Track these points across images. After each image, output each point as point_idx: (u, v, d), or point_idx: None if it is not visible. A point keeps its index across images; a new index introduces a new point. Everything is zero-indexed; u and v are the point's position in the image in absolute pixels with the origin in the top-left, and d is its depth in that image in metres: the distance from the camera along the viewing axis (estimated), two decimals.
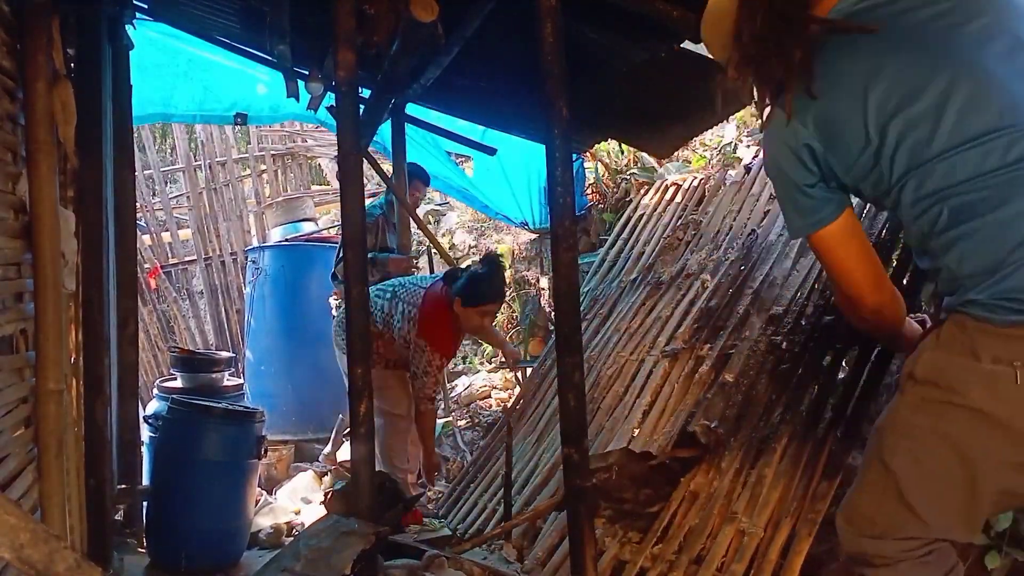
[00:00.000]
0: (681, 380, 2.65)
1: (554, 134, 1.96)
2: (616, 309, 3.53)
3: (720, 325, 2.75)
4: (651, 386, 2.73)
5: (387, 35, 2.39)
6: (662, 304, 3.21)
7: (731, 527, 2.09)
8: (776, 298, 2.66)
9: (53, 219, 1.87)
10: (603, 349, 3.30)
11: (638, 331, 3.18)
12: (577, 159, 4.95)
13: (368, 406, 2.02)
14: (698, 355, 2.69)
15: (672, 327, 2.99)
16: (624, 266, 3.83)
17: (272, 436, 4.22)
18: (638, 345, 3.08)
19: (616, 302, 3.59)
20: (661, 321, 3.09)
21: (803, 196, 1.46)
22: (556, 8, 1.96)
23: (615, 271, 3.87)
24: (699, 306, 2.94)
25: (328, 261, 5.26)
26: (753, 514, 2.07)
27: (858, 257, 1.49)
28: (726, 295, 2.88)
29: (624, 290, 3.62)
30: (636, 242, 3.94)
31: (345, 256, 2.09)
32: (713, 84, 1.56)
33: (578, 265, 2.04)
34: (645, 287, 3.44)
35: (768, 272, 2.81)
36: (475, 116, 4.62)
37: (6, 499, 1.01)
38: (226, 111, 4.55)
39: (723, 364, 2.55)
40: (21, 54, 1.88)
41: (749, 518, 2.07)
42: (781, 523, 2.01)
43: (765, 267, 2.85)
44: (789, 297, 2.62)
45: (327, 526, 1.99)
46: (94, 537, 2.42)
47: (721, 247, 3.23)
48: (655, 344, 2.98)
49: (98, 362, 2.54)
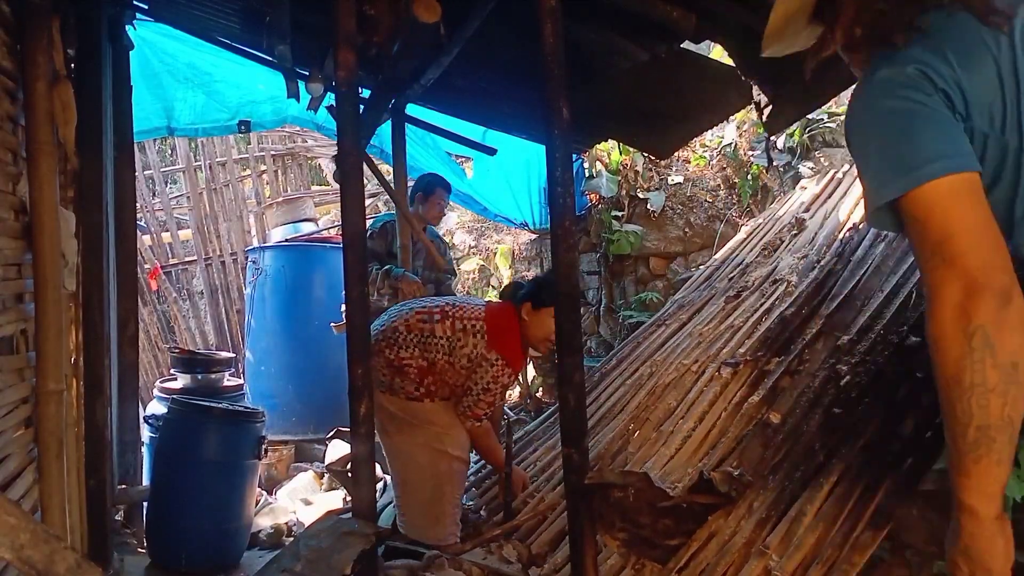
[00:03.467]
0: (730, 408, 2.54)
1: (554, 134, 1.96)
2: (699, 316, 3.43)
3: (790, 338, 2.63)
4: (700, 407, 2.65)
5: (388, 36, 2.39)
6: (739, 312, 3.12)
7: (759, 563, 1.93)
8: (850, 322, 2.47)
9: (53, 220, 1.87)
10: (668, 356, 3.24)
11: (708, 340, 3.10)
12: (577, 159, 4.95)
13: (368, 406, 2.02)
14: (762, 369, 2.57)
15: (741, 337, 2.89)
16: (726, 272, 3.73)
17: (272, 436, 4.22)
18: (702, 354, 3.00)
19: (701, 309, 3.49)
20: (732, 330, 3.00)
21: (932, 126, 1.12)
22: (556, 8, 1.96)
23: (716, 275, 3.79)
24: (773, 317, 2.83)
25: (328, 261, 5.28)
26: (785, 553, 1.90)
27: (988, 222, 1.09)
28: (801, 309, 2.76)
29: (713, 296, 3.52)
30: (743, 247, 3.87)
31: (345, 257, 2.09)
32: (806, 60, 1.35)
33: (578, 265, 2.04)
34: (730, 293, 3.36)
35: (854, 287, 2.66)
36: (475, 116, 4.62)
37: (6, 499, 1.01)
38: (229, 120, 4.55)
39: (773, 398, 2.42)
40: (21, 54, 1.88)
41: (780, 557, 1.90)
42: (811, 569, 1.83)
43: (851, 281, 2.69)
44: (862, 323, 2.43)
45: (327, 526, 1.99)
46: (94, 537, 2.42)
47: (815, 246, 3.12)
48: (719, 355, 2.88)
49: (98, 362, 2.54)
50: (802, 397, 2.32)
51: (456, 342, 2.85)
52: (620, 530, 2.17)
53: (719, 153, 5.20)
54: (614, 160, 5.13)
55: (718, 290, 3.54)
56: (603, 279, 5.36)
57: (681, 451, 2.49)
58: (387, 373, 2.86)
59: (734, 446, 2.31)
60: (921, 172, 1.10)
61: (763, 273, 3.32)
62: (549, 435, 3.60)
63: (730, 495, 2.13)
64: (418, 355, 2.84)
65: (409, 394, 2.86)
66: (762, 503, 2.06)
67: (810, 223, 3.50)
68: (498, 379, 2.85)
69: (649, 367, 3.30)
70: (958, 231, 1.07)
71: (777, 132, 3.79)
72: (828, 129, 4.51)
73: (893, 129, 1.16)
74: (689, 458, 2.43)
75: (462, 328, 2.87)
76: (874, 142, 1.19)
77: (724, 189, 5.12)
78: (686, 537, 2.15)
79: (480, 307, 2.99)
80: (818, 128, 4.50)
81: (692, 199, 5.12)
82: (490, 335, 2.86)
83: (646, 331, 3.77)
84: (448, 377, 2.88)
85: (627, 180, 5.13)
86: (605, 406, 3.28)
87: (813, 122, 4.47)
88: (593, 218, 5.31)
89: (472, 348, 2.84)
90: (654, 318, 3.90)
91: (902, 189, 1.12)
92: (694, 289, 3.84)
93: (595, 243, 5.34)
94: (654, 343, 3.53)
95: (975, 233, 1.07)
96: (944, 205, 1.09)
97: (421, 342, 2.86)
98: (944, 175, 1.09)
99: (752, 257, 3.67)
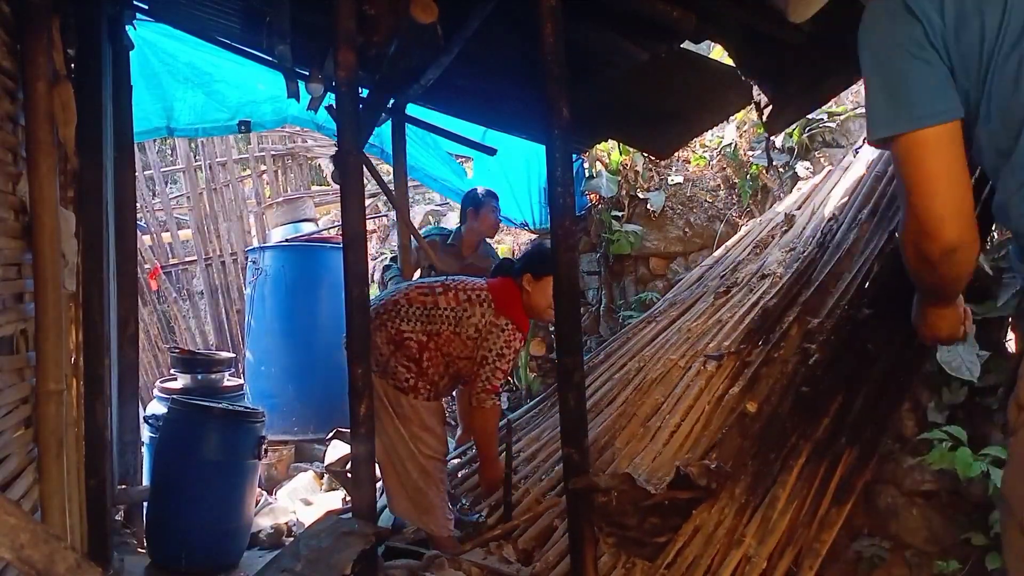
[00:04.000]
0: (713, 401, 2.58)
1: (554, 134, 1.96)
2: (689, 312, 3.46)
3: (770, 328, 2.68)
4: (686, 401, 2.68)
5: (387, 35, 2.39)
6: (727, 307, 3.15)
7: (738, 552, 1.99)
8: (820, 306, 2.54)
9: (53, 220, 1.87)
10: (657, 352, 3.26)
11: (696, 335, 3.12)
12: (577, 159, 4.95)
13: (368, 406, 2.02)
14: (744, 360, 2.61)
15: (728, 331, 2.92)
16: (718, 270, 3.77)
17: (272, 436, 4.22)
18: (689, 349, 3.03)
19: (692, 305, 3.52)
20: (720, 324, 3.04)
21: (920, 73, 1.19)
22: (556, 8, 1.97)
23: (709, 274, 3.81)
24: (757, 310, 2.88)
25: (328, 261, 5.27)
26: (762, 539, 1.97)
27: (953, 178, 1.18)
28: (782, 300, 2.81)
29: (704, 294, 3.55)
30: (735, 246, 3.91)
31: (345, 257, 2.08)
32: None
33: (578, 265, 2.04)
34: (719, 289, 3.39)
35: (829, 272, 2.72)
36: (475, 116, 4.62)
37: (6, 499, 1.01)
38: (229, 120, 4.55)
39: (752, 387, 2.47)
40: (21, 54, 1.88)
41: (757, 543, 1.97)
42: (786, 551, 1.90)
43: (827, 267, 2.74)
44: (830, 304, 2.50)
45: (327, 526, 1.99)
46: (94, 537, 2.42)
47: (802, 239, 3.16)
48: (706, 349, 2.92)
49: (98, 362, 2.54)
50: (777, 384, 2.37)
51: (463, 312, 2.86)
52: (608, 534, 2.21)
53: (719, 153, 5.20)
54: (614, 160, 5.13)
55: (709, 288, 3.57)
56: (603, 279, 5.36)
57: (668, 446, 2.51)
58: (385, 350, 2.85)
59: (717, 439, 2.35)
60: (910, 119, 1.19)
61: (752, 269, 3.35)
62: (534, 425, 3.61)
63: (710, 487, 2.16)
64: (419, 329, 2.85)
65: (399, 382, 2.83)
66: (742, 491, 2.11)
67: (800, 218, 3.53)
68: (511, 343, 2.85)
69: (637, 362, 3.32)
70: (925, 179, 1.18)
71: (777, 132, 3.79)
72: (828, 129, 4.51)
73: (891, 68, 1.23)
74: (675, 453, 2.45)
75: (467, 299, 2.89)
76: (873, 77, 1.27)
77: (724, 189, 5.12)
78: (673, 533, 2.19)
79: (481, 280, 3.04)
80: (818, 128, 4.50)
81: (692, 199, 5.11)
82: (497, 303, 2.89)
83: (636, 327, 3.80)
84: (452, 348, 2.87)
85: (627, 180, 5.13)
86: (592, 399, 3.27)
87: (813, 122, 4.47)
88: (593, 218, 5.31)
89: (480, 317, 2.85)
90: (644, 315, 3.93)
91: (890, 132, 1.22)
92: (687, 288, 3.86)
93: (595, 243, 5.34)
94: (644, 339, 3.56)
95: (943, 183, 1.18)
96: (921, 154, 1.18)
97: (424, 315, 2.87)
98: (930, 125, 1.17)
99: (744, 255, 3.70)
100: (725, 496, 2.16)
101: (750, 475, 2.16)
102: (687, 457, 2.35)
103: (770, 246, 3.52)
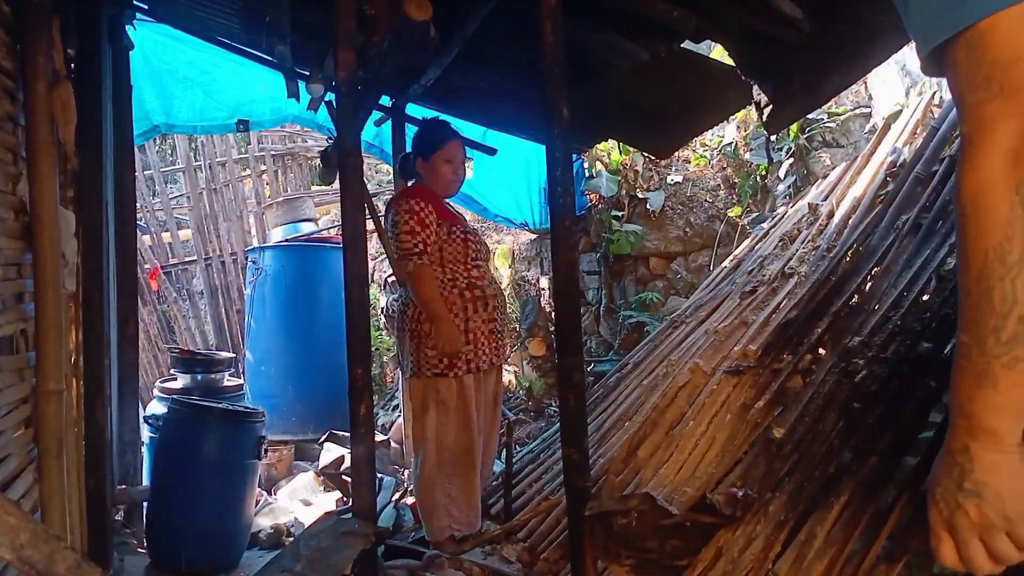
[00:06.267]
0: (735, 414, 2.47)
1: (554, 134, 1.96)
2: (716, 313, 3.36)
3: (795, 338, 2.54)
4: (710, 410, 2.59)
5: (387, 36, 2.39)
6: (752, 308, 3.05)
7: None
8: (860, 324, 2.35)
9: (53, 219, 1.87)
10: (684, 355, 3.18)
11: (723, 337, 3.04)
12: (577, 159, 4.95)
13: (368, 406, 2.02)
14: (773, 369, 2.50)
15: (753, 334, 2.83)
16: (746, 267, 3.64)
17: (272, 436, 4.22)
18: (715, 354, 2.95)
19: (720, 306, 3.42)
20: (746, 327, 2.95)
21: None
22: (556, 8, 1.96)
23: (738, 273, 3.71)
24: (783, 314, 2.75)
25: (328, 261, 5.27)
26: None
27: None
28: (805, 308, 2.67)
29: (731, 293, 3.43)
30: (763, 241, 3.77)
31: (345, 257, 2.08)
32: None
33: (578, 265, 2.04)
34: (746, 288, 3.28)
35: (863, 279, 2.56)
36: (475, 116, 4.62)
37: (6, 499, 1.01)
38: (227, 119, 4.54)
39: (780, 403, 2.35)
40: (21, 54, 1.88)
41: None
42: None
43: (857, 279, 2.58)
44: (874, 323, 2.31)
45: (327, 526, 1.99)
46: (94, 537, 2.42)
47: (825, 235, 3.01)
48: (731, 355, 2.82)
49: (98, 362, 2.54)
50: (811, 404, 2.21)
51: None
52: (627, 558, 2.07)
53: (719, 153, 5.20)
54: (614, 160, 5.13)
55: (737, 284, 3.46)
56: (603, 279, 5.36)
57: (690, 458, 2.43)
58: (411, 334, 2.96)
59: (741, 456, 2.25)
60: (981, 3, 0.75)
61: (778, 267, 3.24)
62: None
63: (734, 516, 2.04)
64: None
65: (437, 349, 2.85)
66: (770, 520, 1.94)
67: (823, 209, 3.41)
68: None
69: (665, 367, 3.25)
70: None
71: (777, 132, 3.79)
72: (828, 129, 4.51)
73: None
74: (697, 466, 2.37)
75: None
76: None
77: (724, 189, 5.13)
78: (694, 556, 2.06)
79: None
80: (817, 128, 4.50)
81: (692, 199, 5.12)
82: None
83: (665, 331, 3.71)
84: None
85: (627, 180, 5.13)
86: (621, 408, 3.23)
87: (812, 122, 4.47)
88: (593, 218, 5.31)
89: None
90: (672, 317, 3.82)
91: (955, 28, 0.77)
92: (714, 287, 3.75)
93: (595, 243, 5.34)
94: (672, 343, 3.46)
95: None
96: (1013, 29, 0.74)
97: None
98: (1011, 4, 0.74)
99: (771, 249, 3.57)
100: (751, 522, 2.02)
101: (779, 503, 2.01)
102: (711, 472, 2.27)
103: (796, 240, 3.39)
